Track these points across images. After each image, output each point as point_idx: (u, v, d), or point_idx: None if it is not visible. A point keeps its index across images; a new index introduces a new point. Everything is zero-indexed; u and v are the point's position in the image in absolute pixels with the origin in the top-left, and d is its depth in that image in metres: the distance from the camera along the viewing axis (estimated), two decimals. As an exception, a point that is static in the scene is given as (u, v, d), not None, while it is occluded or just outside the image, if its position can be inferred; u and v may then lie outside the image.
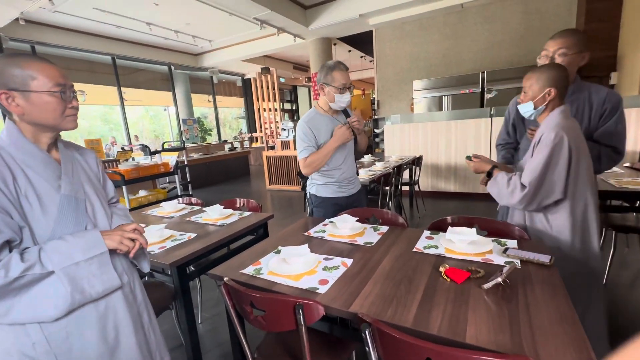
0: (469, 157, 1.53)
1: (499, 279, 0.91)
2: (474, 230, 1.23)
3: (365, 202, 2.20)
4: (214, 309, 2.21)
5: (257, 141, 10.63)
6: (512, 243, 1.23)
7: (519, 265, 1.06)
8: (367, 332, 0.77)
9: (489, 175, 1.42)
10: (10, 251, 0.77)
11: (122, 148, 5.44)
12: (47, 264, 0.78)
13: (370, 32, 6.38)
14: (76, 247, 0.83)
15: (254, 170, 8.93)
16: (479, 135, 4.33)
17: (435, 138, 4.63)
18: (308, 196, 1.95)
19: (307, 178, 1.97)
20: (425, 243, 1.30)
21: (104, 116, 9.95)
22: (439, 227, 1.48)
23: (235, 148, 8.97)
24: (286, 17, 5.74)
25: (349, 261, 1.18)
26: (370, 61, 9.92)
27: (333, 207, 1.87)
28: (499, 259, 1.11)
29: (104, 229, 0.94)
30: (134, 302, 0.99)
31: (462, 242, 1.20)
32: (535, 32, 4.98)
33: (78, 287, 0.82)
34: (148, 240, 1.51)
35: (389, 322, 0.80)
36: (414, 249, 1.25)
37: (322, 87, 1.72)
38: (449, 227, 1.27)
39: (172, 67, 9.02)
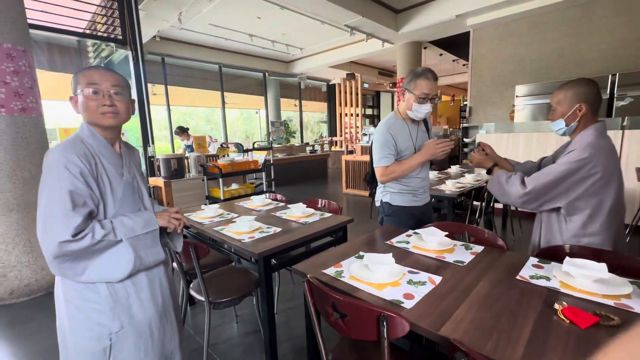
0: (478, 144, 1.59)
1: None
2: (603, 265, 0.99)
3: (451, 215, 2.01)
4: (288, 302, 2.31)
5: (336, 145, 10.85)
6: (661, 290, 0.96)
7: (676, 320, 0.81)
8: (462, 362, 0.69)
9: (490, 172, 1.49)
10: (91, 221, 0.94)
11: (222, 145, 6.17)
12: (117, 233, 0.95)
13: (467, 33, 5.90)
14: (137, 223, 1.00)
15: (331, 173, 9.11)
16: (603, 151, 3.57)
17: (541, 151, 4.00)
18: (379, 204, 1.87)
19: (377, 185, 1.90)
20: (531, 272, 1.11)
21: (207, 117, 11.49)
22: (552, 255, 1.25)
23: (315, 150, 9.31)
24: (377, 23, 5.72)
25: (437, 278, 1.09)
26: (464, 65, 9.18)
27: (407, 217, 1.78)
28: (642, 307, 0.87)
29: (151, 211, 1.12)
30: (171, 277, 1.19)
31: (585, 278, 0.99)
32: (698, 23, 3.89)
33: (138, 255, 0.99)
34: (240, 229, 1.67)
35: (491, 358, 0.70)
36: (518, 277, 1.08)
37: (404, 92, 1.65)
38: (567, 257, 1.06)
39: (266, 74, 9.87)
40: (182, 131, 6.27)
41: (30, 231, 2.45)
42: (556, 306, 0.88)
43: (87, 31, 4.15)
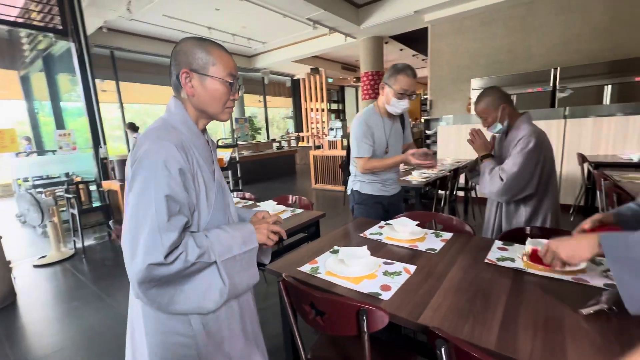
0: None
1: (604, 306, 0.76)
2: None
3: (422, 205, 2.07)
4: (261, 302, 2.25)
5: (303, 140, 10.80)
6: (610, 262, 1.04)
7: (625, 289, 0.89)
8: (442, 349, 0.69)
9: (481, 160, 1.57)
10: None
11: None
12: (212, 253, 0.74)
13: (425, 29, 6.10)
14: (235, 239, 0.79)
15: (300, 169, 9.06)
16: (550, 138, 3.88)
17: (496, 141, 4.26)
18: (349, 192, 1.92)
19: (349, 173, 1.93)
20: (498, 254, 1.17)
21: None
22: (514, 237, 1.32)
23: (282, 147, 9.19)
24: (338, 17, 5.72)
25: (412, 267, 1.10)
26: (423, 60, 9.53)
27: (376, 206, 1.84)
28: (596, 280, 0.94)
29: (235, 218, 0.91)
30: (254, 297, 1.00)
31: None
32: (623, 23, 4.34)
33: (232, 282, 0.78)
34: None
35: (469, 342, 0.71)
36: (486, 260, 1.12)
37: (383, 86, 1.68)
38: (528, 239, 1.12)
39: (228, 69, 9.51)
40: (132, 127, 5.93)
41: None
42: (524, 259, 0.93)
43: (20, 20, 3.70)
